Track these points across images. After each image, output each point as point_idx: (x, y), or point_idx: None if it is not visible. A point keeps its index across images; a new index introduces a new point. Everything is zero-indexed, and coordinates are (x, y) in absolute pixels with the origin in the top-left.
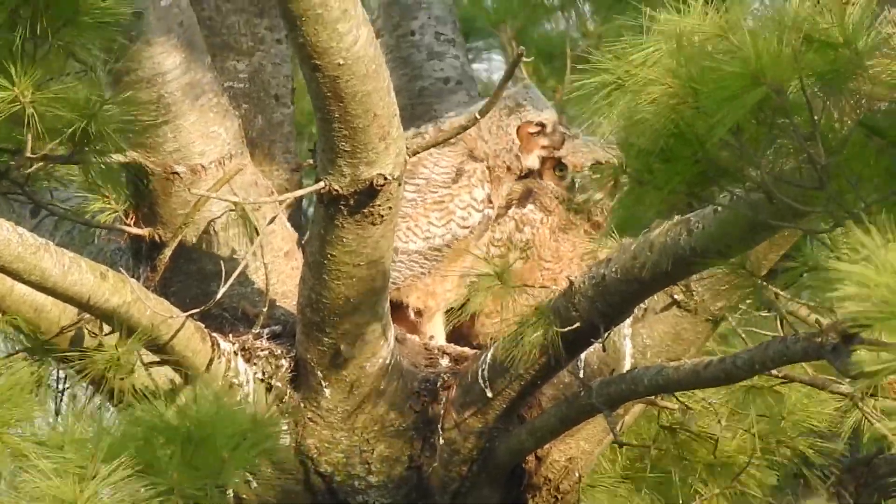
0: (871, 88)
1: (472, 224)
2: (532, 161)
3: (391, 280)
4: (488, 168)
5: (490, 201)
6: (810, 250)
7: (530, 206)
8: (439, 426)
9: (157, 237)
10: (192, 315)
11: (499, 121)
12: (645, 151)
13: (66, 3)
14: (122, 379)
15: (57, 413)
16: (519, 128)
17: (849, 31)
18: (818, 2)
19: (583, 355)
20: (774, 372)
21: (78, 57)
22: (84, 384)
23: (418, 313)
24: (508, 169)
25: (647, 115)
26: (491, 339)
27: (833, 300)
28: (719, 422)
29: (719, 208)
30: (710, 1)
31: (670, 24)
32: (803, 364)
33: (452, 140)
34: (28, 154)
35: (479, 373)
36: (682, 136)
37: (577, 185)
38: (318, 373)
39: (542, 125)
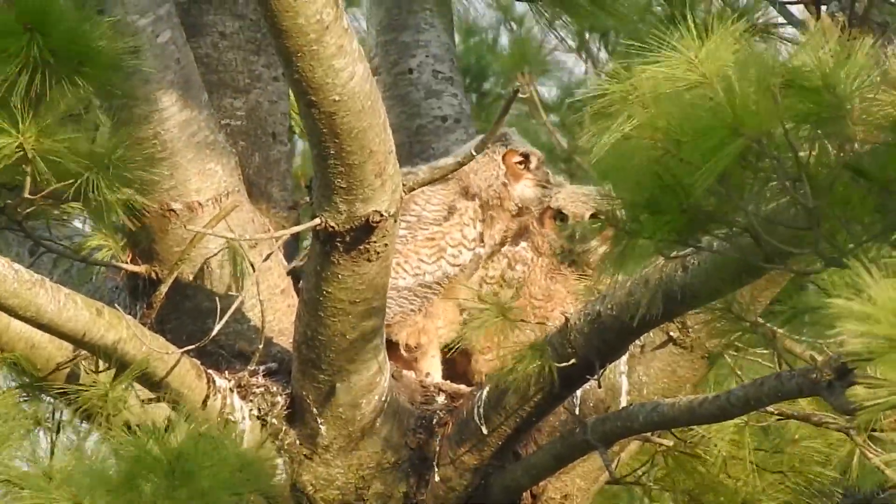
0: (855, 130)
1: (462, 262)
2: (522, 190)
3: None
4: (482, 206)
5: (482, 240)
6: (802, 292)
7: (523, 245)
8: (435, 463)
9: (153, 274)
10: (187, 351)
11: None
12: (631, 203)
13: (74, 52)
14: (114, 416)
15: (52, 448)
16: (504, 155)
17: (827, 74)
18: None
19: (578, 392)
20: (770, 408)
21: (84, 102)
22: (79, 420)
23: (410, 350)
24: (501, 203)
25: (630, 167)
26: (487, 376)
27: (832, 337)
28: (718, 450)
29: (715, 244)
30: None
31: (648, 72)
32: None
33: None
34: (26, 195)
35: (475, 410)
36: (667, 188)
37: (577, 236)
38: (314, 409)
39: (527, 156)
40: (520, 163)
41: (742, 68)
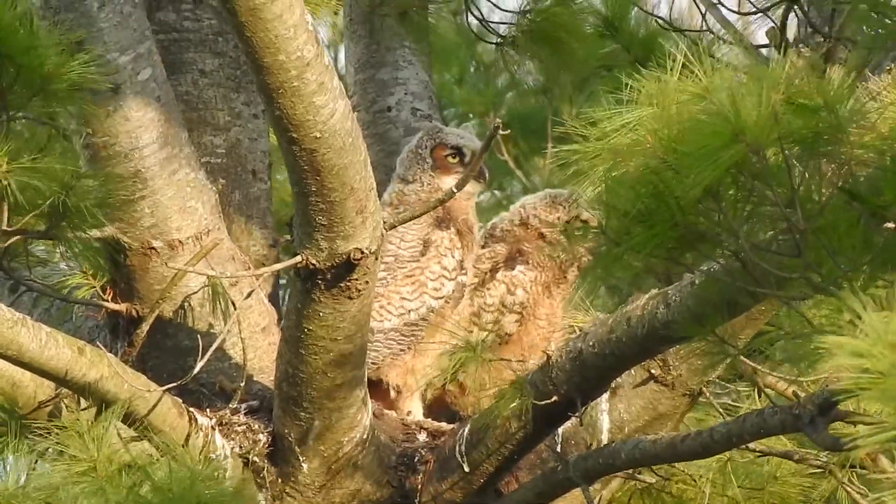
0: (854, 153)
1: (445, 294)
2: (449, 183)
3: (370, 360)
4: (458, 232)
5: (462, 267)
6: (787, 317)
7: (520, 268)
8: (417, 501)
9: (134, 312)
10: (169, 389)
11: (416, 142)
12: (623, 212)
13: (36, 73)
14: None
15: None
16: (434, 149)
17: (829, 94)
18: (796, 66)
19: (560, 430)
20: (752, 445)
21: (52, 126)
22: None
23: (398, 390)
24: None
25: (627, 176)
26: (469, 413)
27: (814, 371)
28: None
29: (696, 281)
30: (690, 64)
31: (651, 86)
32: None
33: None
34: (4, 227)
35: (457, 447)
36: (661, 198)
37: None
38: (296, 447)
39: (458, 149)
40: (451, 156)
41: (743, 83)
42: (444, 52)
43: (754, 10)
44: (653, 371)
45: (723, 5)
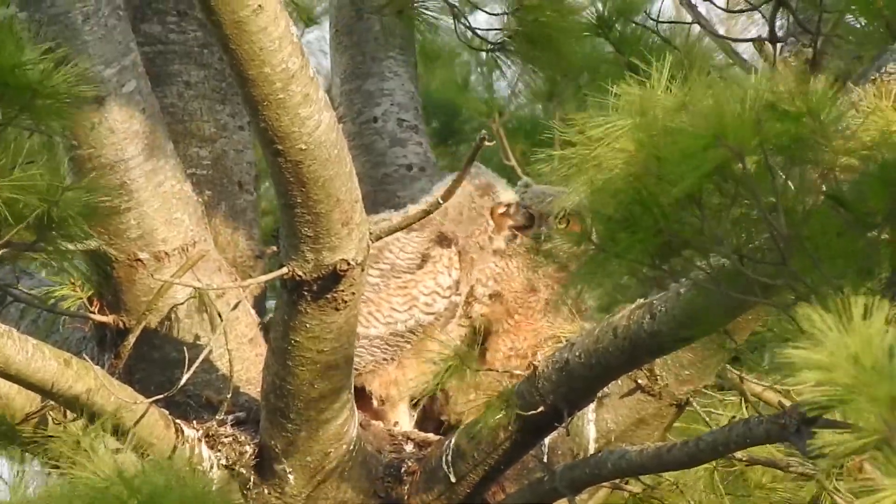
0: (839, 160)
1: (436, 311)
2: (499, 243)
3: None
4: (459, 252)
5: (458, 288)
6: (774, 325)
7: (493, 259)
8: None
9: (121, 324)
10: (156, 401)
11: (471, 203)
12: (608, 219)
13: (22, 89)
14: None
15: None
16: (492, 209)
17: (813, 101)
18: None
19: (546, 440)
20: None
21: (38, 132)
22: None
23: (381, 401)
24: (481, 248)
25: (611, 183)
26: (456, 423)
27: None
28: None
29: (682, 290)
30: (673, 77)
31: (633, 97)
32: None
33: (417, 225)
34: None
35: (443, 458)
36: (644, 205)
37: (542, 235)
38: (282, 459)
39: (510, 206)
40: (504, 213)
41: (724, 89)
42: (448, 56)
43: (742, 8)
44: (640, 381)
45: (713, 3)
